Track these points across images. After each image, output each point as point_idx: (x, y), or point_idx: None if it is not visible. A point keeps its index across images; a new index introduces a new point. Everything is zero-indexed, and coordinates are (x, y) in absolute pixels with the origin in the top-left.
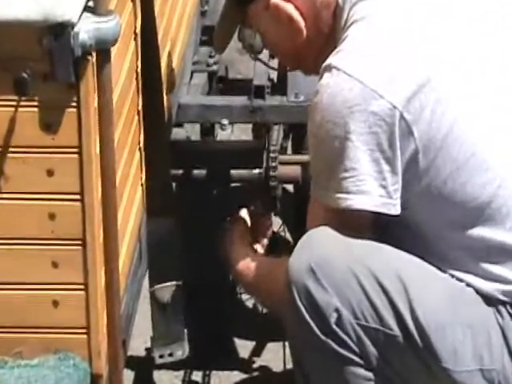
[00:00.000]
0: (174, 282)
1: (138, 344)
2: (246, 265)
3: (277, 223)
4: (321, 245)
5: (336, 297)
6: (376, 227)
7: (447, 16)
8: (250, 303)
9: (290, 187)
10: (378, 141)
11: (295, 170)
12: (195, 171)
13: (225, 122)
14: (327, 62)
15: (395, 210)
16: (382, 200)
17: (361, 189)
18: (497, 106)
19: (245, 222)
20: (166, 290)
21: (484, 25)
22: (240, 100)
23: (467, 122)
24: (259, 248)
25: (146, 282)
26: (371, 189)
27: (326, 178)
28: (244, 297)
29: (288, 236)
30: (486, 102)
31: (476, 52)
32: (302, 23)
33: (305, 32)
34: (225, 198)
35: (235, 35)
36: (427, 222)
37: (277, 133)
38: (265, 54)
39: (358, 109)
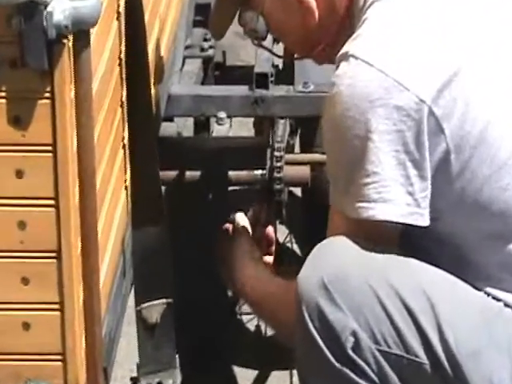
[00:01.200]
0: (163, 300)
1: (123, 373)
2: (253, 283)
3: (282, 233)
4: (335, 257)
5: (353, 318)
6: (399, 239)
7: (463, 2)
8: (251, 325)
9: (297, 191)
10: (403, 140)
11: (303, 171)
12: (188, 173)
13: (222, 115)
14: (344, 49)
15: (423, 220)
16: (408, 209)
17: (384, 196)
18: None
19: (248, 231)
20: (154, 309)
21: (501, 12)
22: (240, 90)
23: (504, 116)
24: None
25: (131, 300)
26: (396, 196)
27: (344, 184)
28: (245, 318)
29: (296, 248)
30: None
31: (495, 39)
32: (312, 2)
33: (316, 13)
34: (222, 204)
35: (235, 18)
36: (460, 234)
37: (282, 128)
38: (268, 39)
39: (381, 103)
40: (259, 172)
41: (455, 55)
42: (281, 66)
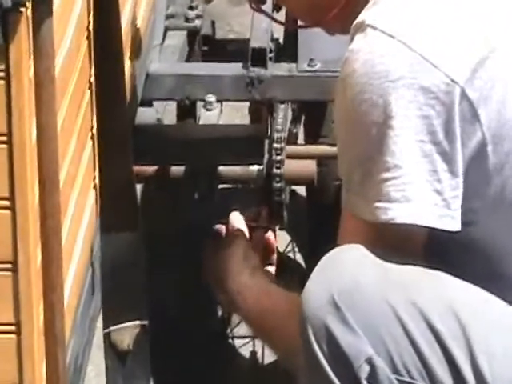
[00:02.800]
0: (136, 322)
1: None
2: (250, 294)
3: (283, 240)
4: (347, 269)
5: (368, 342)
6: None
7: None
8: (246, 351)
9: (301, 190)
10: (430, 128)
11: (308, 167)
12: (170, 168)
13: (211, 98)
14: (360, 18)
15: (454, 224)
16: (436, 211)
17: (407, 195)
18: None
19: (244, 234)
20: (126, 332)
21: None
22: (232, 68)
23: None
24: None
25: (100, 321)
26: (421, 195)
27: (360, 181)
28: (238, 342)
29: (299, 258)
30: None
31: None
32: None
33: None
34: (210, 206)
35: None
36: (492, 242)
37: (283, 115)
38: (267, 6)
39: (404, 83)
40: (255, 167)
41: (491, 29)
42: (282, 40)
